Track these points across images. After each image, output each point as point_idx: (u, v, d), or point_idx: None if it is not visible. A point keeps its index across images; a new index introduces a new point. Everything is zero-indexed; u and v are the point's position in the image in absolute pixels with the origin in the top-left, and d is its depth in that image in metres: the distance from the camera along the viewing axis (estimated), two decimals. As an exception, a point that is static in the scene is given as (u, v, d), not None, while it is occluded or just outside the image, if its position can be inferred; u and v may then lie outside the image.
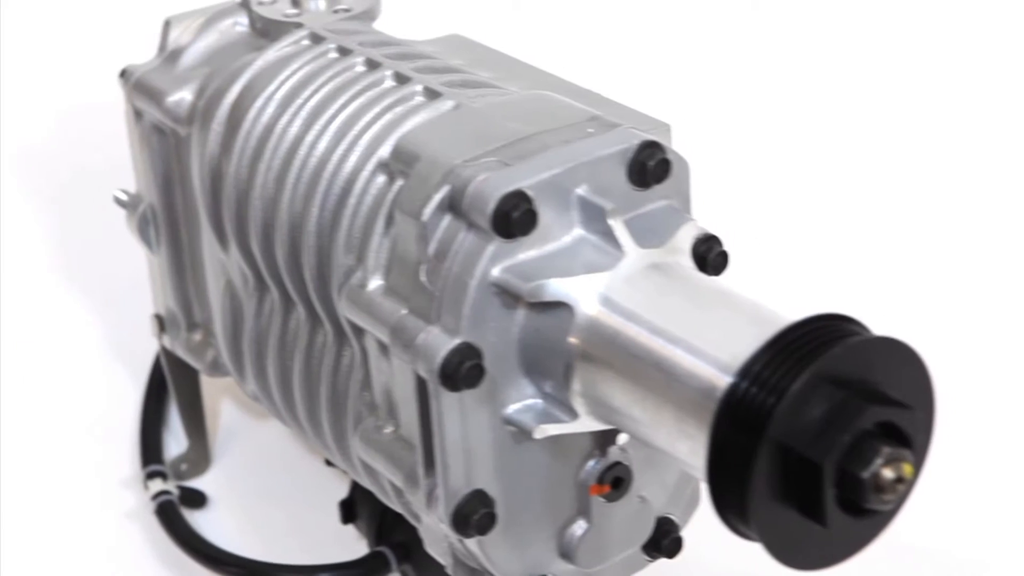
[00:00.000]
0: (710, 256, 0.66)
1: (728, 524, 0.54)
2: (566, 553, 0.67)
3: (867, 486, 0.51)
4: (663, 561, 0.72)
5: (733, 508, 0.53)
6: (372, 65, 0.73)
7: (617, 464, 0.67)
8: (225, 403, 1.01)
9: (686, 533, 0.72)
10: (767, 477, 0.52)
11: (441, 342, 0.61)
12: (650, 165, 0.63)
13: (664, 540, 0.70)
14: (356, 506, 0.86)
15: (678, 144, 0.94)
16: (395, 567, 0.83)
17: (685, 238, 0.63)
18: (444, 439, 0.62)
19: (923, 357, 0.54)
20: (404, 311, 0.63)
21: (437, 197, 0.62)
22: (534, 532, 0.66)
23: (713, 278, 0.62)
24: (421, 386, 0.63)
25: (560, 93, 0.71)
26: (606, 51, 1.34)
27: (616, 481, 0.67)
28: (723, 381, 0.54)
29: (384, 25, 0.84)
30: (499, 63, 0.78)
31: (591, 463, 0.66)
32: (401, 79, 0.71)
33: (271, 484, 0.96)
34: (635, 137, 0.63)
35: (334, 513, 0.86)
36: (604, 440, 0.66)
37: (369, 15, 0.81)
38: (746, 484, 0.51)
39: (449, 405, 0.61)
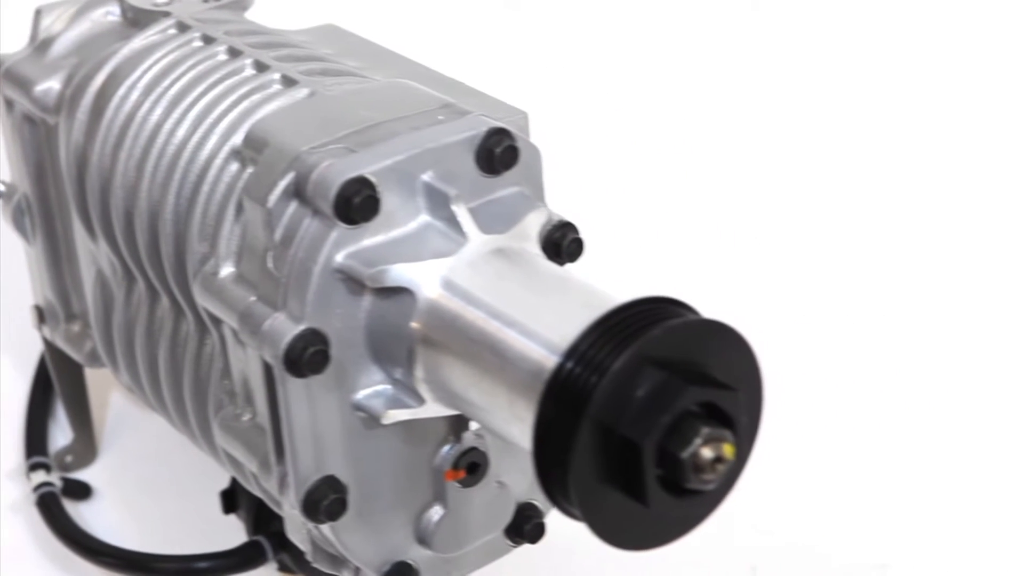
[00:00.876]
0: (564, 243, 0.67)
1: (556, 505, 0.54)
2: (423, 539, 0.67)
3: (686, 466, 0.52)
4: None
5: (559, 488, 0.53)
6: (234, 53, 0.73)
7: (472, 449, 0.67)
8: (114, 394, 1.01)
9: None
10: (590, 457, 0.52)
11: (286, 328, 0.61)
12: (497, 152, 0.63)
13: (526, 525, 0.71)
14: (237, 496, 0.86)
15: (680, 143, 0.95)
16: (271, 556, 0.83)
17: (533, 224, 0.64)
18: (292, 425, 0.62)
19: (748, 340, 0.55)
20: (253, 298, 0.63)
21: (282, 183, 0.62)
22: (390, 518, 0.66)
23: (553, 264, 0.62)
24: (269, 372, 0.63)
25: (425, 82, 0.71)
26: (606, 51, 1.35)
27: (472, 466, 0.67)
28: (551, 361, 0.54)
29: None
30: (369, 53, 0.78)
31: (445, 448, 0.66)
32: (260, 67, 0.71)
33: (158, 475, 0.96)
34: (483, 124, 0.64)
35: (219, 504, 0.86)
36: (458, 425, 0.66)
37: (240, 4, 0.81)
38: (568, 463, 0.52)
39: (295, 391, 0.62)
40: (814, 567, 0.89)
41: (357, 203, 0.60)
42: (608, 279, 0.66)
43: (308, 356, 0.61)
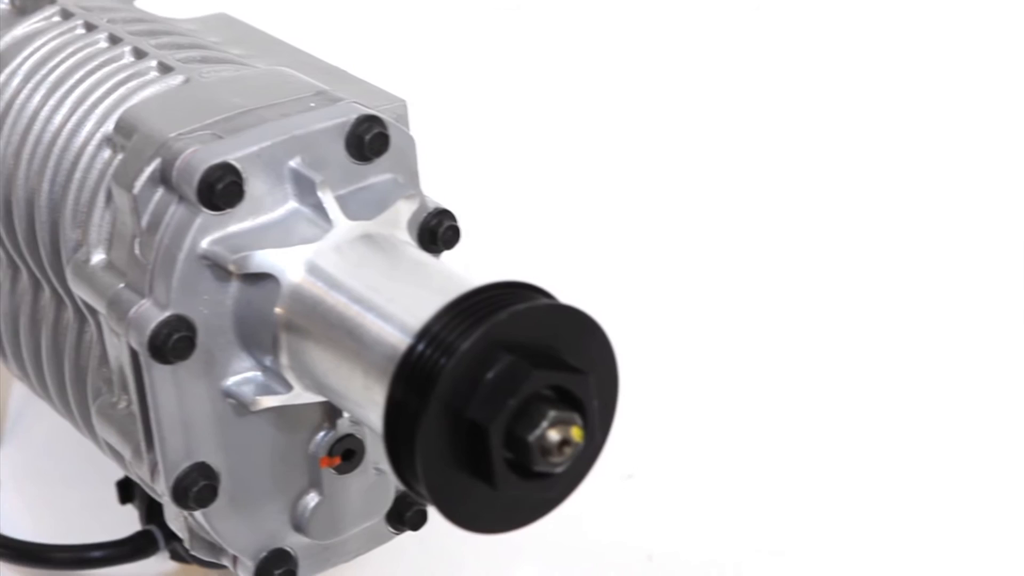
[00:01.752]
0: (440, 230, 0.67)
1: (409, 488, 0.55)
2: (299, 526, 0.67)
3: (533, 448, 0.52)
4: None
5: (409, 471, 0.53)
6: (114, 41, 0.73)
7: (348, 436, 0.67)
8: (17, 385, 1.00)
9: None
10: (439, 440, 0.53)
11: (151, 315, 0.61)
12: (367, 139, 0.63)
13: (407, 512, 0.71)
14: (132, 486, 0.86)
15: (675, 143, 0.90)
16: (163, 545, 0.83)
17: (403, 211, 0.64)
18: (159, 412, 0.62)
19: (602, 325, 0.55)
20: (121, 285, 0.63)
21: (148, 170, 0.62)
22: (265, 504, 0.66)
23: (419, 250, 0.62)
24: (136, 359, 0.63)
25: (308, 71, 0.71)
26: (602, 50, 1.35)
27: (347, 453, 0.67)
28: (404, 344, 0.54)
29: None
30: (257, 42, 0.78)
31: (320, 435, 0.66)
32: (139, 54, 0.71)
33: (59, 466, 0.96)
34: (354, 111, 0.64)
35: (118, 494, 0.86)
36: (333, 412, 0.66)
37: (129, -7, 0.81)
38: (415, 445, 0.52)
39: (161, 377, 0.62)
40: (708, 553, 0.89)
41: (220, 189, 0.60)
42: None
43: (173, 342, 0.61)
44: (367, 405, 0.57)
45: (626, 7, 1.40)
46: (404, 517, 0.71)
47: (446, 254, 0.69)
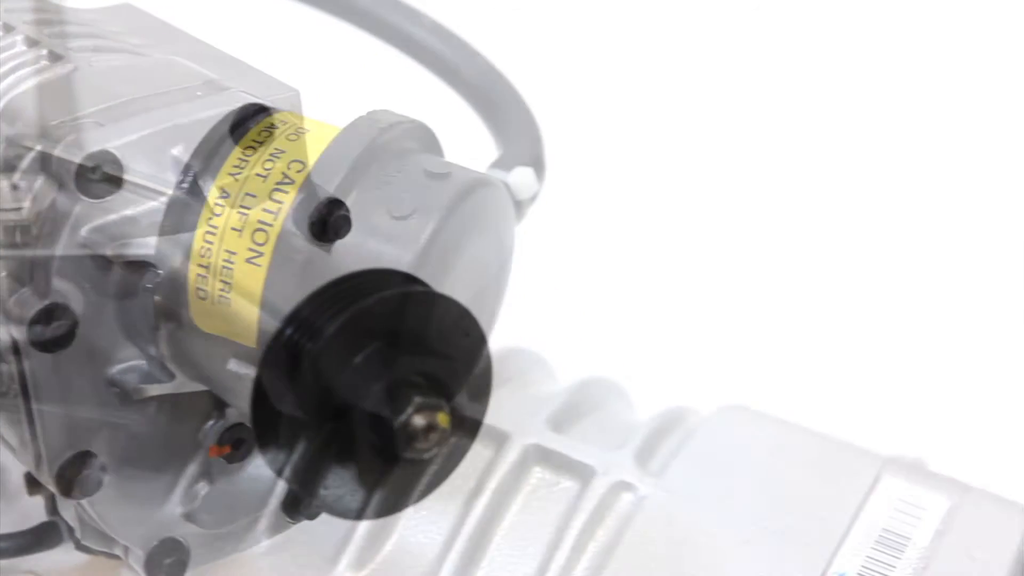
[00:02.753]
0: (331, 219, 0.67)
1: (277, 474, 0.54)
2: (189, 515, 0.68)
3: (398, 435, 0.52)
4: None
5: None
6: (7, 29, 0.72)
7: (238, 425, 0.67)
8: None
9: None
10: (306, 425, 0.53)
11: (31, 303, 0.61)
12: (252, 128, 0.63)
13: (303, 501, 0.71)
14: (40, 478, 0.85)
15: (676, 145, 0.90)
16: (67, 536, 0.82)
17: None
18: (40, 400, 0.62)
19: (471, 312, 0.55)
20: (3, 274, 0.63)
21: (29, 157, 0.62)
22: (154, 494, 0.66)
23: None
24: (16, 348, 0.63)
25: (204, 61, 0.71)
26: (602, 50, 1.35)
27: (237, 442, 0.67)
28: (272, 327, 0.54)
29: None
30: (158, 32, 0.78)
31: (209, 424, 0.66)
32: (31, 43, 0.71)
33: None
34: (239, 101, 0.64)
35: (33, 486, 0.86)
36: (222, 400, 0.66)
37: (31, -18, 0.81)
38: (279, 428, 0.52)
39: (42, 366, 0.61)
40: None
41: (99, 177, 0.60)
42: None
43: (52, 331, 0.60)
44: (241, 393, 0.57)
45: (625, 7, 1.40)
46: (300, 506, 0.71)
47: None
